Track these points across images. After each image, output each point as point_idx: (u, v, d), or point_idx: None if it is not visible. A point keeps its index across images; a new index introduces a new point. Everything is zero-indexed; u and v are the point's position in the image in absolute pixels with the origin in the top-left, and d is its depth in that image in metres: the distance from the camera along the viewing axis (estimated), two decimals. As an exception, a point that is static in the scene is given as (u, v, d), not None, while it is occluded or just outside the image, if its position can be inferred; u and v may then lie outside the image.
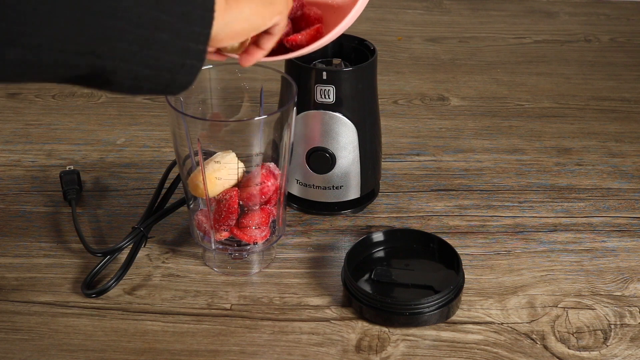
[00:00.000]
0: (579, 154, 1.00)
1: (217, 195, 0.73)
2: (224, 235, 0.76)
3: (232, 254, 0.78)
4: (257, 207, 0.74)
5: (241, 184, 0.73)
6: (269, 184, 0.74)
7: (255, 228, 0.75)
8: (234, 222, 0.74)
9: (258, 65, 0.70)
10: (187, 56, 0.50)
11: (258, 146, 0.71)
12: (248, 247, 0.77)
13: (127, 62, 0.48)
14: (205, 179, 0.72)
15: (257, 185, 0.72)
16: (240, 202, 0.73)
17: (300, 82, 0.75)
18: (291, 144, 0.75)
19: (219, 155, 0.72)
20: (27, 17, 0.42)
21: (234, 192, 0.72)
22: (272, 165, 0.74)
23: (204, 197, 0.73)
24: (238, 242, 0.76)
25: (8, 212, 0.88)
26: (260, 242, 0.76)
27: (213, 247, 0.76)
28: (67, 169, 0.91)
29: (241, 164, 0.72)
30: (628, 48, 1.33)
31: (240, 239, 0.76)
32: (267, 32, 0.63)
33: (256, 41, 0.64)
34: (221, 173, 0.71)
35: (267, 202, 0.75)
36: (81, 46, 0.45)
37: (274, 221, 0.77)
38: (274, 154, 0.74)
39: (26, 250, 0.82)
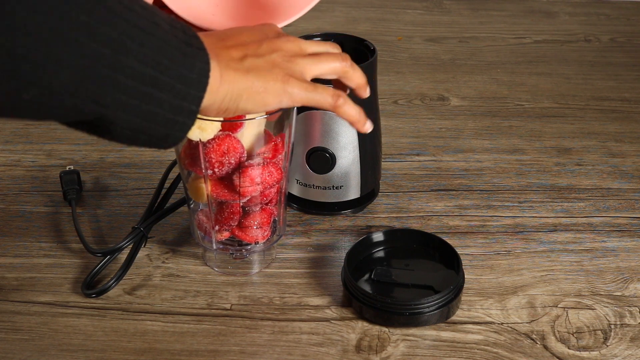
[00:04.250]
0: (579, 154, 1.00)
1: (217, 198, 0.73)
2: (225, 235, 0.76)
3: (233, 253, 0.78)
4: (258, 208, 0.74)
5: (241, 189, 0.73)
6: (272, 190, 0.74)
7: (257, 228, 0.75)
8: (236, 222, 0.74)
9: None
10: (180, 114, 0.55)
11: (258, 146, 0.71)
12: (249, 247, 0.77)
13: (127, 113, 0.52)
14: (207, 182, 0.72)
15: (258, 185, 0.72)
16: (242, 204, 0.74)
17: (300, 82, 0.75)
18: (292, 144, 0.75)
19: None
20: (41, 63, 0.47)
21: (237, 196, 0.72)
22: (274, 167, 0.74)
23: (205, 202, 0.73)
24: (239, 242, 0.76)
25: (8, 212, 0.88)
26: (261, 241, 0.76)
27: (214, 247, 0.76)
28: (67, 169, 0.91)
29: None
30: (628, 48, 1.33)
31: (242, 239, 0.76)
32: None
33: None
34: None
35: (268, 203, 0.75)
36: (88, 93, 0.50)
37: (274, 220, 0.77)
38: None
39: (26, 250, 0.82)
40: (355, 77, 0.66)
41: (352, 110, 0.66)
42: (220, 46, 0.59)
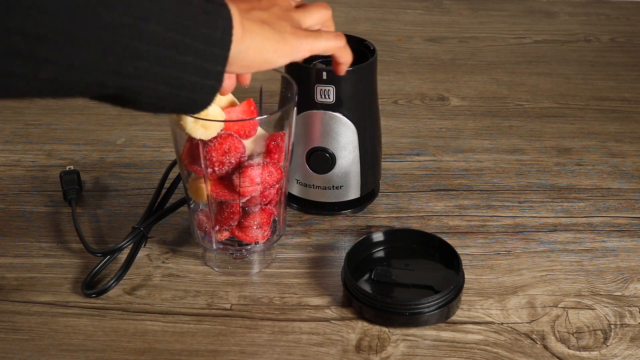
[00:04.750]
0: (579, 154, 1.00)
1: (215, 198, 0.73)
2: (225, 235, 0.76)
3: (233, 253, 0.78)
4: (258, 208, 0.74)
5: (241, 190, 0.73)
6: (272, 190, 0.74)
7: (257, 228, 0.75)
8: (236, 222, 0.74)
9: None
10: (206, 77, 0.54)
11: (259, 146, 0.71)
12: (249, 247, 0.77)
13: (151, 81, 0.51)
14: (207, 182, 0.72)
15: (258, 185, 0.72)
16: (241, 204, 0.73)
17: (300, 82, 0.75)
18: (291, 144, 0.75)
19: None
20: (60, 40, 0.45)
21: (236, 196, 0.72)
22: (274, 167, 0.74)
23: (205, 202, 0.73)
24: (239, 242, 0.76)
25: (8, 212, 0.88)
26: (261, 241, 0.76)
27: (214, 247, 0.76)
28: (67, 169, 0.91)
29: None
30: (628, 48, 1.33)
31: (242, 239, 0.76)
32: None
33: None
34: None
35: (268, 203, 0.75)
36: (109, 66, 0.48)
37: (274, 220, 0.77)
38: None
39: (26, 250, 0.82)
40: (332, 26, 0.69)
41: (349, 54, 0.69)
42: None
